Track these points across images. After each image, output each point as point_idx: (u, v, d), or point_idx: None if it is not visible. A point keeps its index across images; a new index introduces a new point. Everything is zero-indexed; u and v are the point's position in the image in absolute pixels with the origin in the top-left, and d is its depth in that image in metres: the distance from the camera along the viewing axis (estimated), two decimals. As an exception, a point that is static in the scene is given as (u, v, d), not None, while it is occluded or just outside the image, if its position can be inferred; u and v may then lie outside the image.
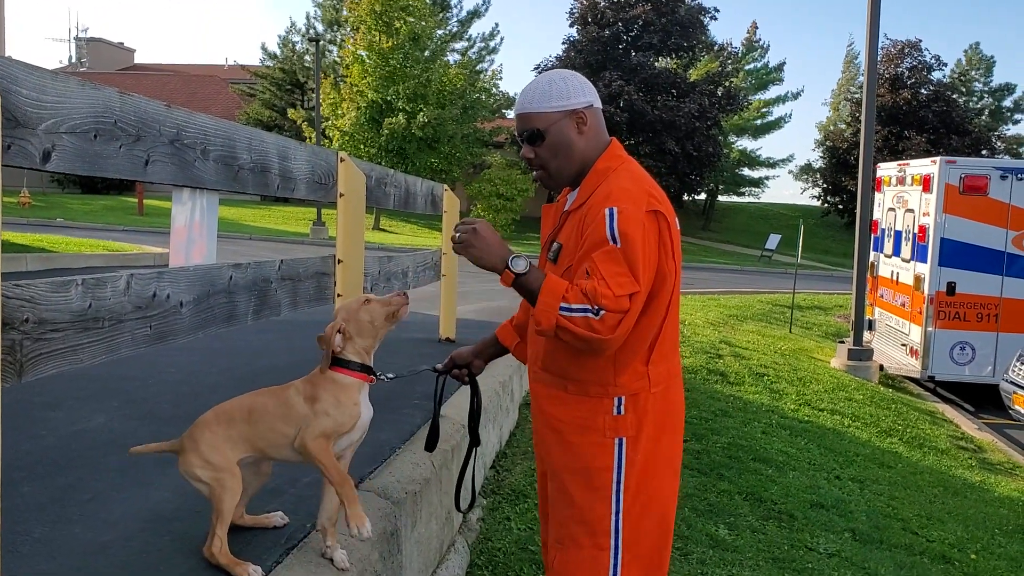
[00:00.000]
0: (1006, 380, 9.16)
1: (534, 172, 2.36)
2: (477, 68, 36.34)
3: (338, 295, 3.94)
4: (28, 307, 1.92)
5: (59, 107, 1.96)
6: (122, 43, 56.04)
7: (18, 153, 1.83)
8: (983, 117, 45.06)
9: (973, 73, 46.84)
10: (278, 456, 2.31)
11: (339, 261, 3.97)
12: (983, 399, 10.96)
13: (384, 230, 32.07)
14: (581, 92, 2.28)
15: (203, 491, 2.22)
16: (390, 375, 2.50)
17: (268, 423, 2.26)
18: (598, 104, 2.33)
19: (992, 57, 47.60)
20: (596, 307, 2.04)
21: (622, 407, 2.24)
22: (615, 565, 2.27)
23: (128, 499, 2.68)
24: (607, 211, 2.10)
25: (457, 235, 2.22)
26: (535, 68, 38.82)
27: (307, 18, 42.56)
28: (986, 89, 46.93)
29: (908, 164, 12.18)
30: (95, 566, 2.20)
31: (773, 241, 32.04)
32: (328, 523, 2.35)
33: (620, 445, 2.24)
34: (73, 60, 54.37)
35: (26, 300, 1.91)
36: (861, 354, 11.28)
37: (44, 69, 1.96)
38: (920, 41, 40.64)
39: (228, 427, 2.25)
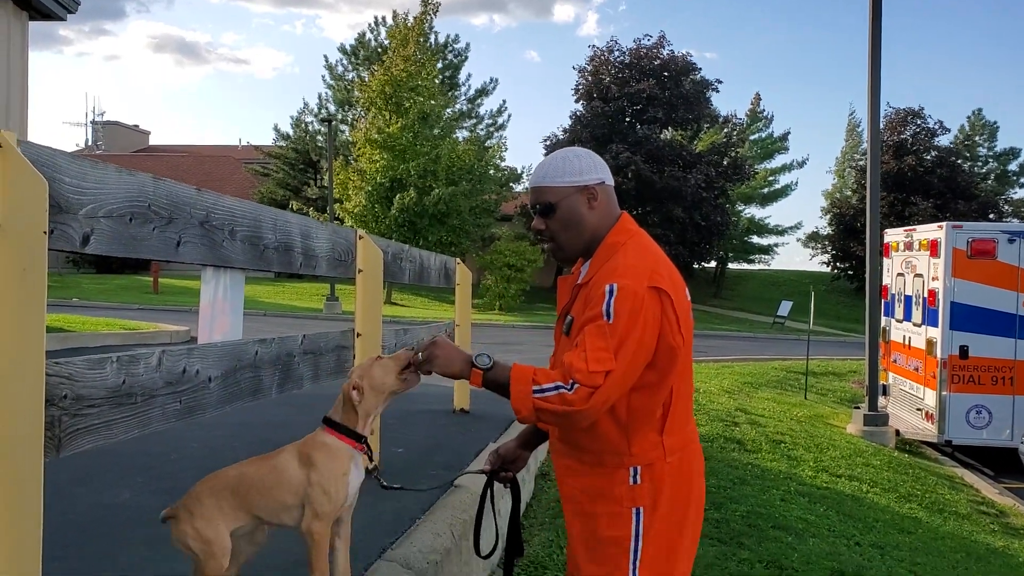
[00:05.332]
0: (1024, 443, 9.10)
1: (544, 244, 2.45)
2: (486, 144, 36.96)
3: (357, 368, 4.02)
4: (67, 384, 1.99)
5: (98, 193, 2.06)
6: (137, 125, 57.35)
7: (60, 237, 1.94)
8: (989, 181, 45.39)
9: (977, 138, 47.31)
10: (275, 522, 2.33)
11: (358, 335, 4.06)
12: (1005, 463, 10.84)
13: (396, 303, 32.27)
14: (593, 169, 2.37)
15: (192, 558, 2.27)
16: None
17: (260, 491, 2.29)
18: (610, 181, 2.41)
19: (995, 123, 48.07)
20: (570, 381, 2.09)
21: (638, 477, 2.27)
22: None
23: (155, 571, 2.73)
24: (607, 287, 2.17)
25: (420, 355, 2.30)
26: (543, 141, 39.50)
27: (319, 99, 43.38)
28: (991, 154, 47.36)
29: (915, 230, 12.30)
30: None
31: (785, 308, 32.01)
32: None
33: (637, 514, 2.27)
34: (89, 143, 55.55)
35: (65, 377, 1.99)
36: (877, 419, 11.22)
37: (85, 158, 2.07)
38: (922, 108, 41.28)
39: (219, 499, 2.28)
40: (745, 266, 48.32)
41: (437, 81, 34.30)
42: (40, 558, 1.74)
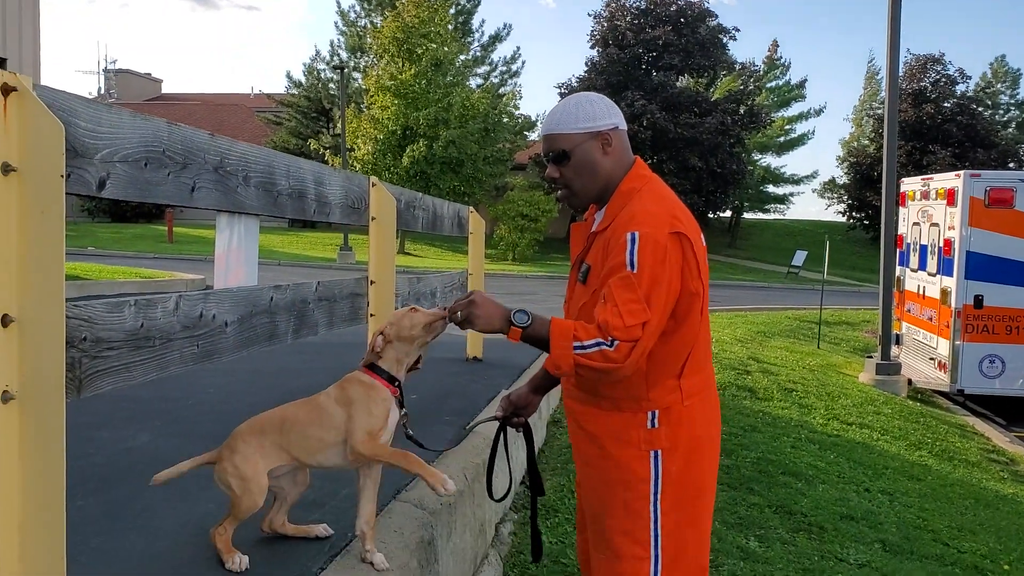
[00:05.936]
0: (1037, 393, 9.10)
1: (558, 192, 2.43)
2: (500, 92, 36.59)
3: (371, 315, 4.06)
4: (86, 327, 2.03)
5: (113, 137, 2.07)
6: (149, 74, 57.01)
7: (77, 181, 1.95)
8: (1010, 129, 44.72)
9: (999, 86, 46.52)
10: (313, 462, 2.42)
11: (372, 282, 4.08)
12: (1018, 412, 10.86)
13: (409, 253, 32.29)
14: (607, 114, 2.34)
15: (230, 496, 2.37)
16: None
17: (300, 430, 2.39)
18: (623, 126, 2.38)
19: (1019, 70, 47.12)
20: (610, 338, 2.09)
21: (656, 420, 2.28)
22: (655, 574, 2.31)
23: (176, 512, 2.79)
24: (628, 235, 2.14)
25: (459, 313, 2.29)
26: (558, 86, 39.11)
27: (331, 46, 42.93)
28: (1012, 102, 46.58)
29: (932, 178, 12.17)
30: (150, 572, 2.32)
31: (800, 258, 31.94)
32: (367, 527, 2.45)
33: (656, 457, 2.28)
34: (102, 91, 55.29)
35: (84, 320, 2.02)
36: (889, 368, 11.24)
37: (99, 102, 2.08)
38: (943, 55, 40.56)
39: (261, 437, 2.38)
40: (760, 216, 48.05)
41: (450, 27, 33.88)
42: (64, 498, 1.78)
